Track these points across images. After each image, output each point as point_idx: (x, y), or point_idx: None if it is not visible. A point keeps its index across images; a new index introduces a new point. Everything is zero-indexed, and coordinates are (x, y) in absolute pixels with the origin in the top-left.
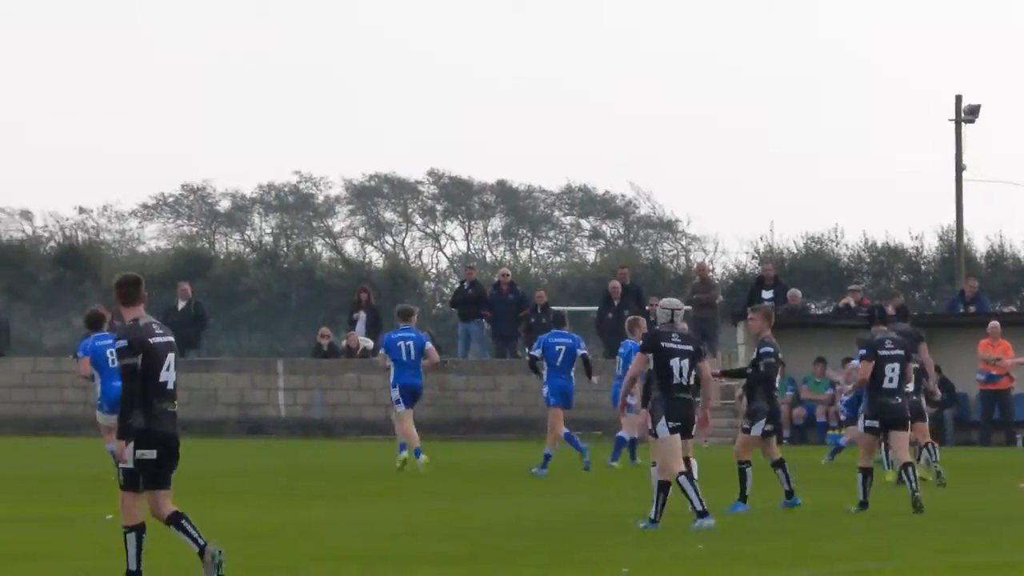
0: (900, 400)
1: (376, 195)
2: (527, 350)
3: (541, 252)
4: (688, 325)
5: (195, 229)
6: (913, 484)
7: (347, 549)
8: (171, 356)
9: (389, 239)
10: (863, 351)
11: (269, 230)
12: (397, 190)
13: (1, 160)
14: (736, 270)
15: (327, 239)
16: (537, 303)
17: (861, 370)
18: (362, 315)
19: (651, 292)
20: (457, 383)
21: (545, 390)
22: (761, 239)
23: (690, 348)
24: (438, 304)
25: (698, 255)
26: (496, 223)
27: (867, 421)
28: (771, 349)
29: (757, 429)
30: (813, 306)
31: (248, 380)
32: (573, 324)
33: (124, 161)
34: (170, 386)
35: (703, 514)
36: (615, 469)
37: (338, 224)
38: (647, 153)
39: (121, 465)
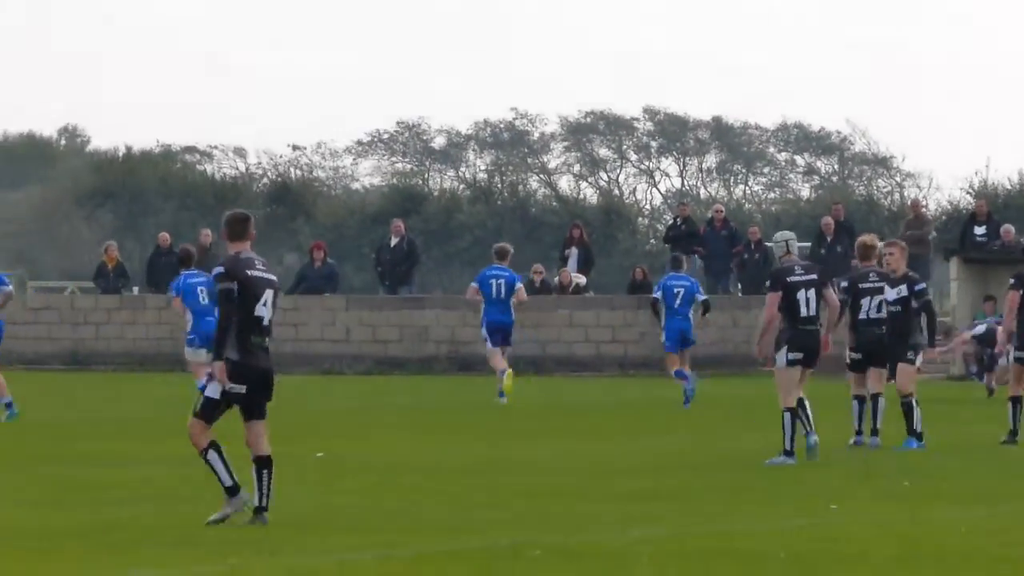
0: None
1: (591, 132)
2: (739, 287)
3: (755, 188)
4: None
5: (409, 166)
6: None
7: (554, 485)
8: (269, 292)
9: (603, 175)
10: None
11: (483, 167)
12: (612, 127)
13: (216, 97)
14: (950, 206)
15: (541, 176)
16: (750, 239)
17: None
18: (574, 251)
19: (864, 228)
20: None
21: (663, 335)
22: (976, 174)
23: (814, 277)
24: (651, 240)
25: (912, 191)
26: (710, 159)
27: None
28: (924, 286)
29: (918, 361)
30: None
31: (459, 317)
32: None
33: (339, 98)
34: (265, 322)
35: (788, 453)
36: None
37: (553, 161)
38: (863, 89)
39: (207, 394)
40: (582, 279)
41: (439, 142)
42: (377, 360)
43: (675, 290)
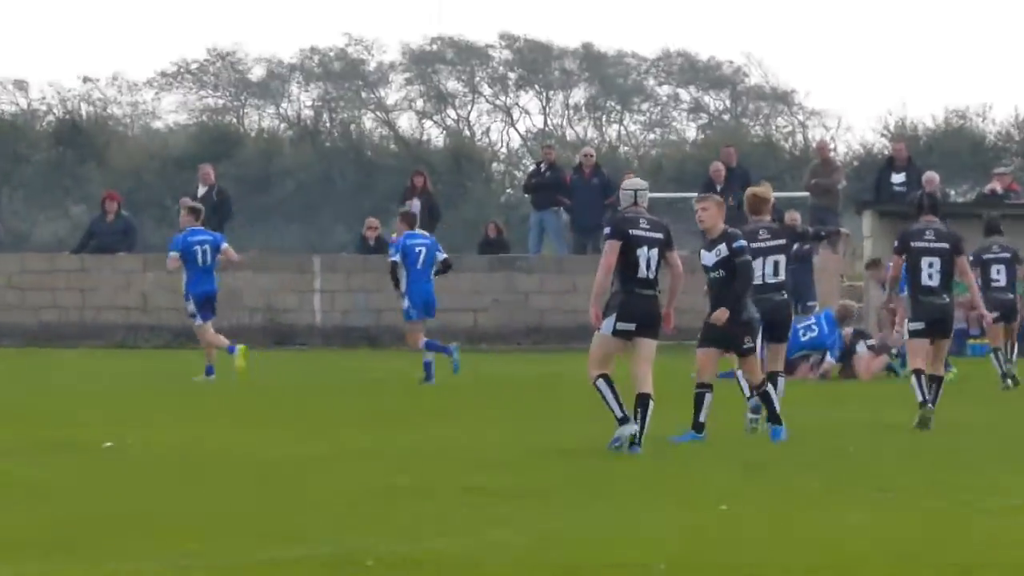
0: None
1: (437, 61)
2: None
3: (632, 129)
4: (806, 214)
5: (221, 102)
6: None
7: (395, 481)
8: None
9: (452, 113)
10: None
11: (310, 103)
12: (462, 55)
13: None
14: (862, 150)
15: (378, 113)
16: None
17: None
18: (417, 203)
19: (762, 175)
20: (527, 284)
21: (405, 302)
22: (891, 114)
23: (660, 236)
24: (508, 190)
25: (818, 132)
26: (579, 94)
27: None
28: (744, 243)
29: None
30: (953, 192)
31: (278, 280)
32: (671, 213)
33: (138, 22)
34: None
35: (623, 420)
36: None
37: (392, 96)
38: (759, 14)
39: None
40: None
41: (257, 73)
42: (176, 332)
43: (416, 250)
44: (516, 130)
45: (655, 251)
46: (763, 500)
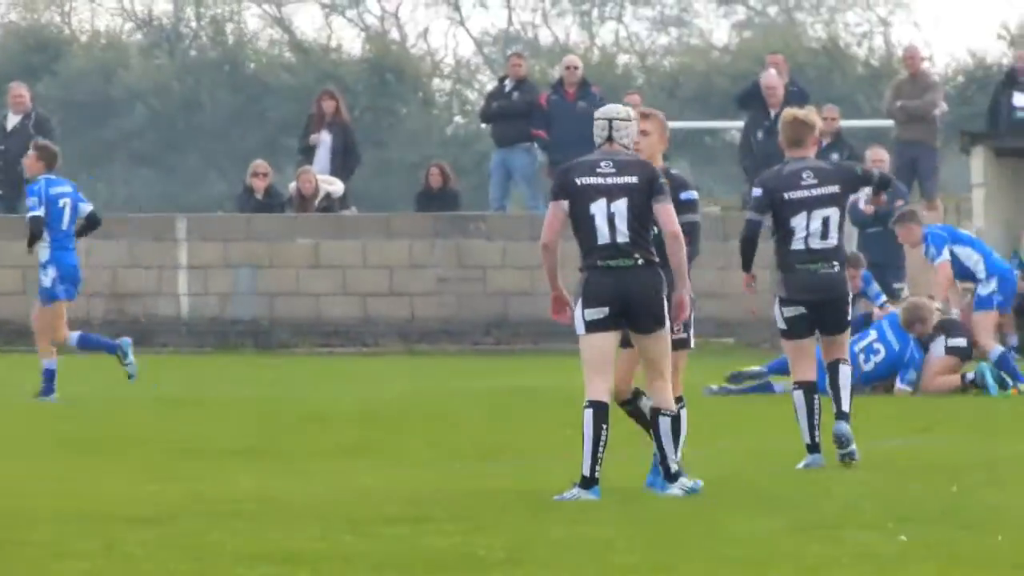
0: None
1: None
2: None
3: (635, 28)
4: (892, 153)
5: None
6: None
7: (287, 547)
8: None
9: (374, 5)
10: None
11: None
12: None
13: None
14: (971, 60)
15: (266, 7)
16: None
17: None
18: (325, 137)
19: (823, 97)
20: (487, 255)
21: (49, 274)
22: (1012, 6)
23: (632, 181)
24: (456, 118)
25: (905, 33)
26: None
27: None
28: (694, 196)
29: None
30: None
31: (125, 252)
32: (690, 149)
33: None
34: None
35: (588, 482)
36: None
37: None
38: None
39: None
40: (338, 186)
41: None
42: None
43: (60, 202)
44: (467, 30)
45: (622, 202)
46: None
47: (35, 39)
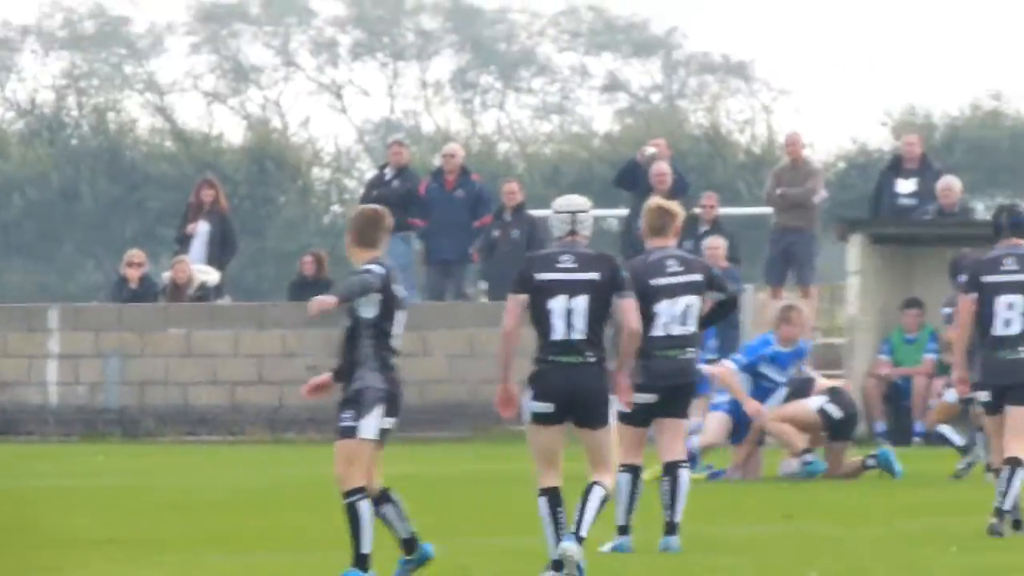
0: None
1: (237, 19)
2: (485, 287)
3: (518, 116)
4: (764, 236)
5: None
6: None
7: None
8: None
9: (256, 94)
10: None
11: (49, 81)
12: (274, 12)
13: None
14: (853, 145)
15: (149, 93)
16: (507, 204)
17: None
18: (202, 227)
19: (704, 184)
20: None
21: None
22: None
23: (594, 277)
24: (334, 207)
25: (787, 120)
26: (442, 66)
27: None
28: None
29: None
30: (983, 207)
31: None
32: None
33: None
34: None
35: (557, 565)
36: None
37: (169, 71)
38: None
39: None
40: (213, 275)
41: None
42: None
43: None
44: (348, 118)
45: (582, 299)
46: None
47: None
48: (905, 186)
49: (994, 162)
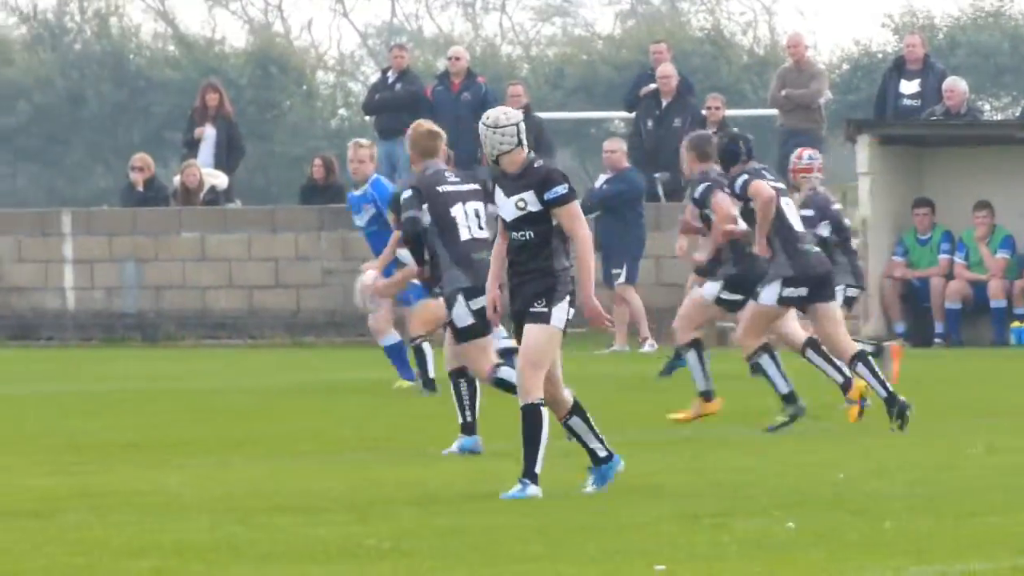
0: None
1: None
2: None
3: (519, 19)
4: (772, 137)
5: None
6: None
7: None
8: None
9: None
10: None
11: None
12: None
13: None
14: (856, 47)
15: (150, 0)
16: (512, 107)
17: None
18: (209, 132)
19: (708, 86)
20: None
21: None
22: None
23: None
24: (341, 110)
25: (789, 22)
26: None
27: None
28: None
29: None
30: (988, 107)
31: (11, 247)
32: (576, 140)
33: None
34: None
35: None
36: None
37: None
38: None
39: None
40: (222, 179)
41: None
42: None
43: None
44: (350, 22)
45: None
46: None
47: None
48: (908, 87)
49: (996, 64)
